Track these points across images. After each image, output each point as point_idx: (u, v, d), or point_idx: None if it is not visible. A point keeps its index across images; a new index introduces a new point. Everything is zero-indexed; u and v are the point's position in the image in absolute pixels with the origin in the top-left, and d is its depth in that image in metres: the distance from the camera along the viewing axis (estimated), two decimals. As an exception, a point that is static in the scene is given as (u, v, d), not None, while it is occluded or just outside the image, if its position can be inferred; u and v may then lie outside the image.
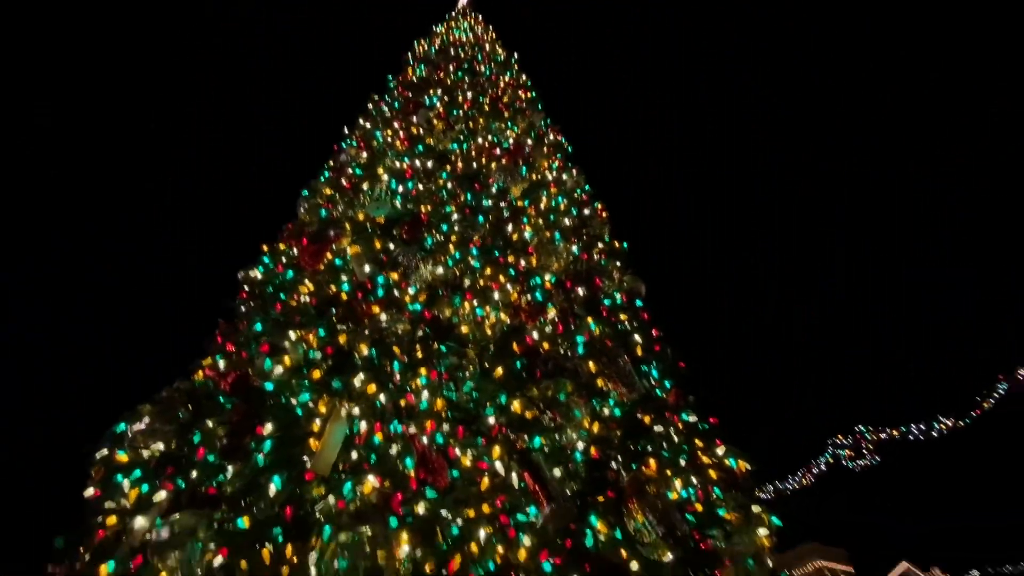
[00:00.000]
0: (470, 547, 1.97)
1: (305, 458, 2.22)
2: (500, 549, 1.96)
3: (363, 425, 2.34)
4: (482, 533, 2.00)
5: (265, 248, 3.50)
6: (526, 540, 2.01)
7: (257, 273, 3.31)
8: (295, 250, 3.40)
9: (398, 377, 2.46)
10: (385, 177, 3.92)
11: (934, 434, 14.57)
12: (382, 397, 2.35)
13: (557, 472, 2.39)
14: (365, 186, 3.89)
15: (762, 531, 2.94)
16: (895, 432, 15.23)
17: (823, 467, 16.50)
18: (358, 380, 2.39)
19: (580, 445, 2.50)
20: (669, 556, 2.36)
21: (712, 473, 2.99)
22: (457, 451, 2.30)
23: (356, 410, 2.31)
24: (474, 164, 4.29)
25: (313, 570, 1.90)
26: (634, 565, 2.28)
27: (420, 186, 3.96)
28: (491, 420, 2.32)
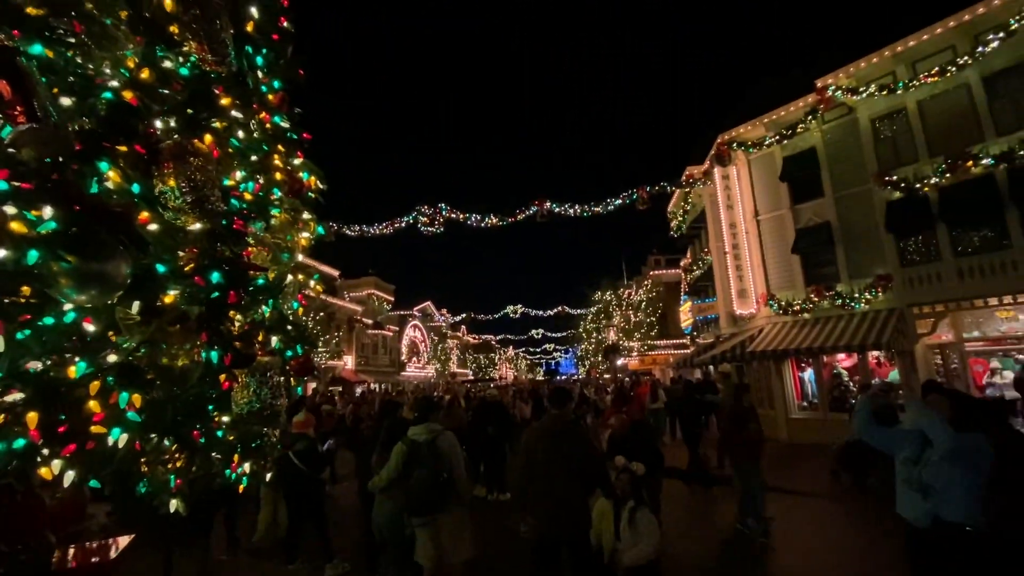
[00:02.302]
0: None
1: None
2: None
3: None
4: None
5: None
6: (-21, 152, 1.57)
7: None
8: None
9: None
10: None
11: (484, 225, 20.15)
12: None
13: (66, 101, 1.89)
14: None
15: (306, 235, 3.36)
16: (462, 215, 19.96)
17: (402, 224, 20.09)
18: None
19: (113, 83, 2.01)
20: (197, 226, 2.37)
21: (279, 175, 3.08)
22: None
23: None
24: None
25: None
26: (154, 225, 2.20)
27: None
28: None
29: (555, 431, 3.76)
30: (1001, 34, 10.87)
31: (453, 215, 20.05)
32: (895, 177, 12.49)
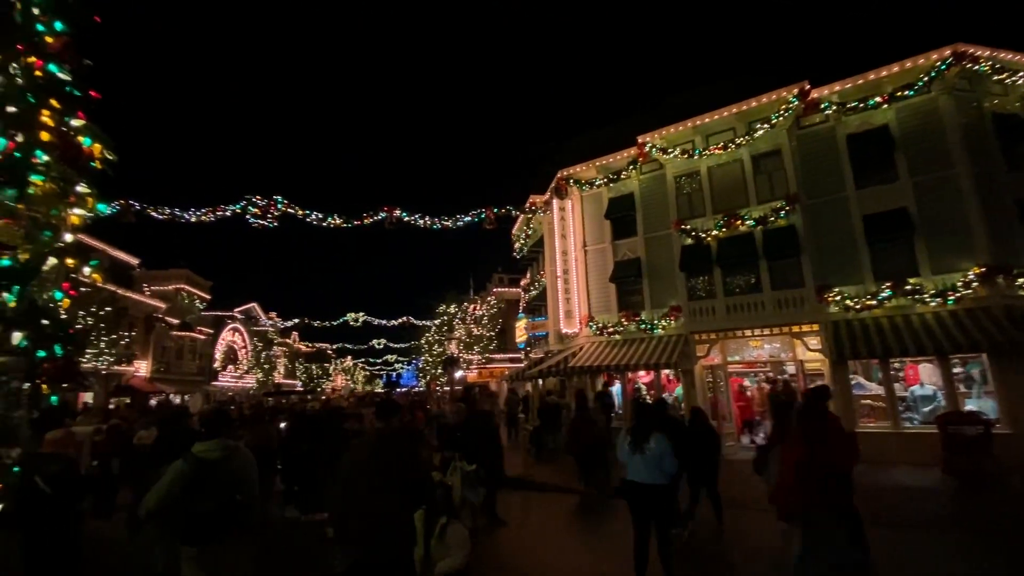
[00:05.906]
0: None
1: None
2: None
3: None
4: None
5: None
6: None
7: None
8: None
9: None
10: None
11: (327, 225, 18.66)
12: None
13: None
14: None
15: (79, 211, 2.81)
16: (301, 212, 18.34)
17: (227, 213, 17.71)
18: None
19: None
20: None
21: (46, 136, 2.54)
22: None
23: None
24: None
25: None
26: None
27: None
28: None
29: (381, 446, 3.64)
30: (765, 125, 14.07)
31: (290, 210, 18.34)
32: (688, 226, 15.15)
